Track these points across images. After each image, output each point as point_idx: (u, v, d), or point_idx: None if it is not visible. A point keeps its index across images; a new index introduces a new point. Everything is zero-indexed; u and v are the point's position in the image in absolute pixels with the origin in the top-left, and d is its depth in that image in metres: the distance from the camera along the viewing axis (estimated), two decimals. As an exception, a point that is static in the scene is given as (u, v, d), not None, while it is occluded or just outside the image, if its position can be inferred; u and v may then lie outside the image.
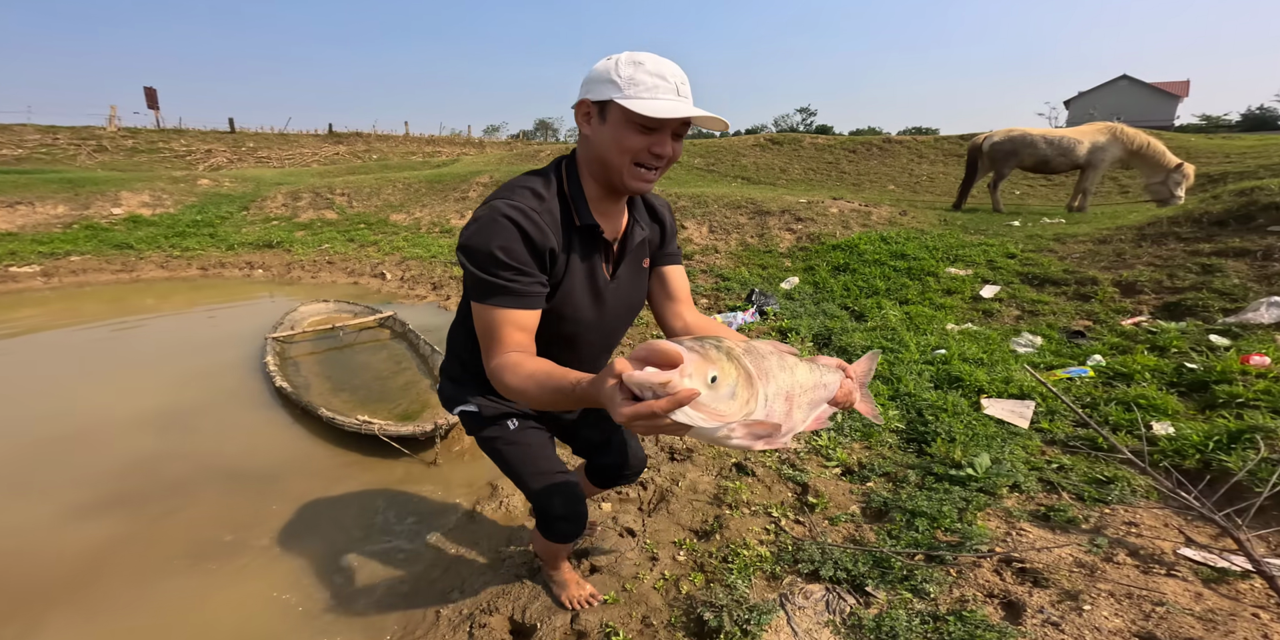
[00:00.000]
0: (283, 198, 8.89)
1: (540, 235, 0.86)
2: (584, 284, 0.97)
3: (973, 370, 2.48)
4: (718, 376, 0.57)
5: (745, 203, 6.40)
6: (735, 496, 1.84)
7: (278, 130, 22.56)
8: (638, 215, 1.02)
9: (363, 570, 1.74)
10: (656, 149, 0.85)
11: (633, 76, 0.81)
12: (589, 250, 0.95)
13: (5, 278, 5.98)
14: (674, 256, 1.10)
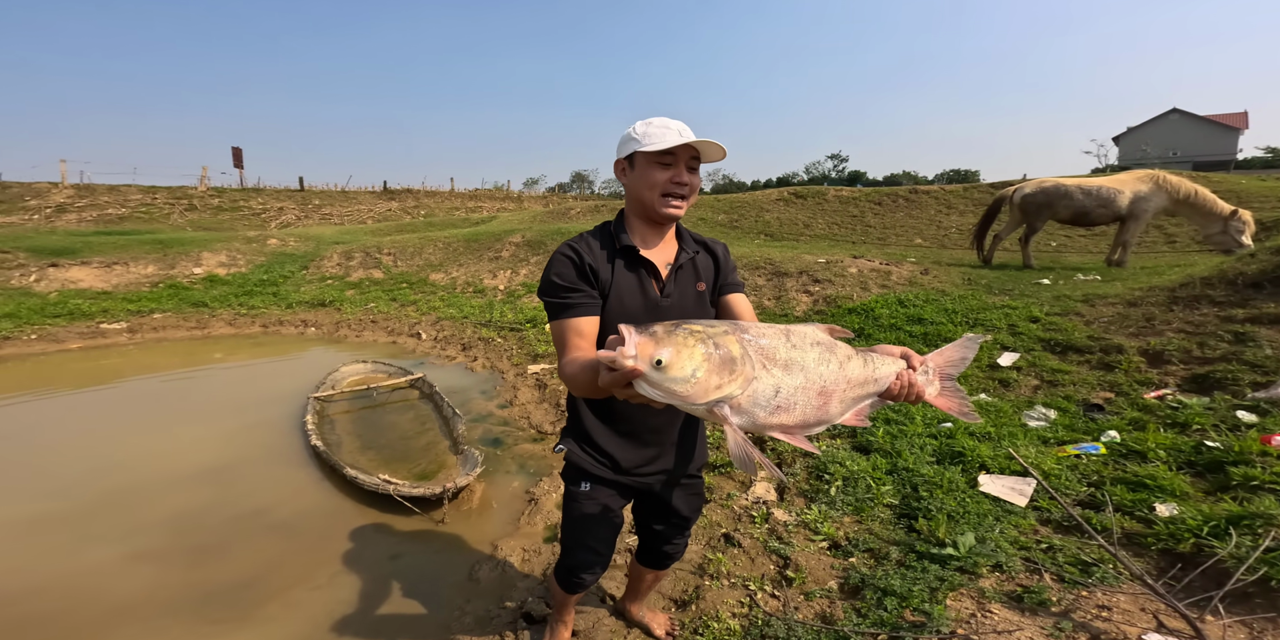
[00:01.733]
0: (338, 257, 9.95)
1: (584, 259, 1.14)
2: (635, 297, 1.18)
3: (976, 445, 2.52)
4: (664, 360, 0.65)
5: (764, 263, 6.70)
6: (718, 567, 1.94)
7: (340, 187, 25.38)
8: (688, 247, 1.25)
9: (364, 620, 1.92)
10: (676, 178, 1.12)
11: (645, 132, 1.11)
12: (632, 267, 1.19)
13: (96, 333, 6.91)
14: (735, 285, 1.30)
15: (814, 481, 2.48)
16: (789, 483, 2.44)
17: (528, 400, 4.50)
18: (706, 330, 0.71)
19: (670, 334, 0.67)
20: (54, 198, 17.89)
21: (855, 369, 0.81)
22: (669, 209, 1.14)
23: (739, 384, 0.69)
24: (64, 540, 2.55)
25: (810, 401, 0.77)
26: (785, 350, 0.76)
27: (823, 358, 0.77)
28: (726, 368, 0.68)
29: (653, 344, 0.66)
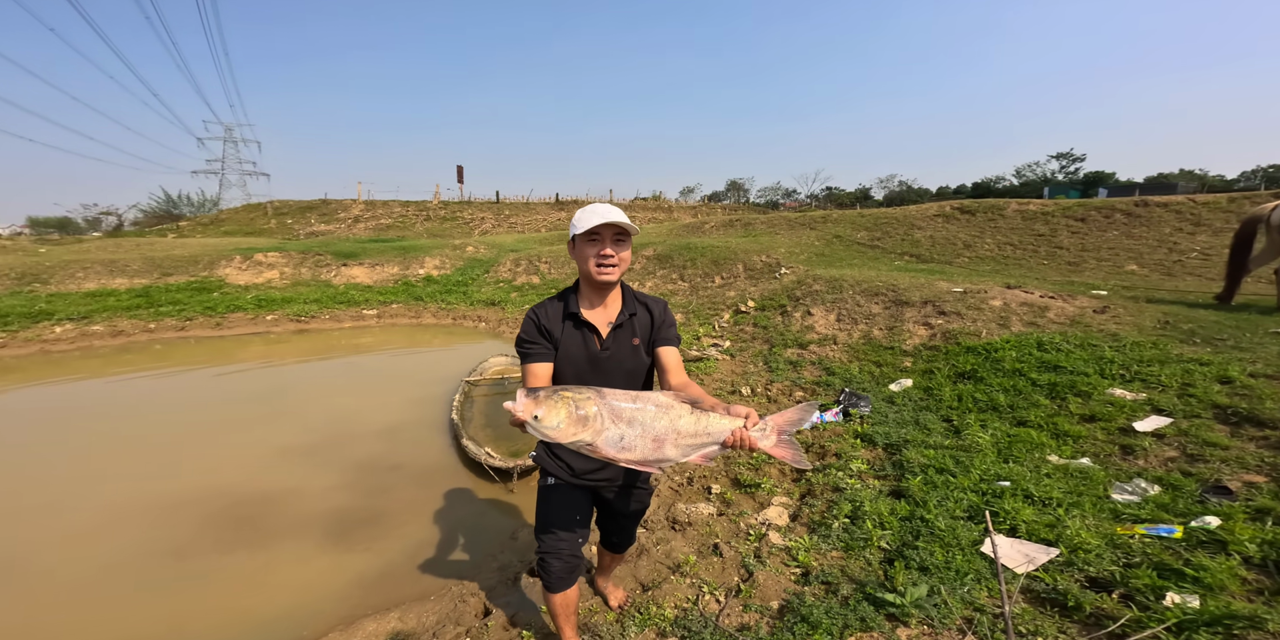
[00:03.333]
0: (509, 264, 12.14)
1: (541, 322, 1.53)
2: (579, 351, 1.52)
3: (1019, 507, 2.32)
4: (540, 415, 1.03)
5: (885, 289, 6.31)
6: (691, 568, 2.29)
7: (524, 199, 29.99)
8: (629, 307, 1.56)
9: (428, 552, 2.78)
10: (602, 252, 1.44)
11: (579, 217, 1.45)
12: (578, 327, 1.53)
13: (359, 317, 9.80)
14: (667, 340, 1.56)
15: (826, 514, 2.60)
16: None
17: (618, 404, 5.20)
18: (575, 396, 1.05)
19: (547, 398, 1.03)
20: (352, 211, 25.07)
21: (686, 425, 1.10)
22: (602, 276, 1.46)
23: (591, 433, 1.05)
24: (296, 466, 4.04)
25: (647, 445, 1.08)
26: (629, 411, 1.09)
27: (657, 415, 1.08)
28: (581, 422, 1.03)
29: (534, 404, 1.04)
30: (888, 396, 4.21)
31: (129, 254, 11.19)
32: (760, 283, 8.39)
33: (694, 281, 9.16)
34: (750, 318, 7.09)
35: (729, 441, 1.15)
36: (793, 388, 4.77)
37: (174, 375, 6.67)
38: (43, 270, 10.03)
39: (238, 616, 2.43)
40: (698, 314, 7.76)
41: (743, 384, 4.99)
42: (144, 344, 8.13)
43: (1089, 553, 1.99)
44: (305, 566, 2.78)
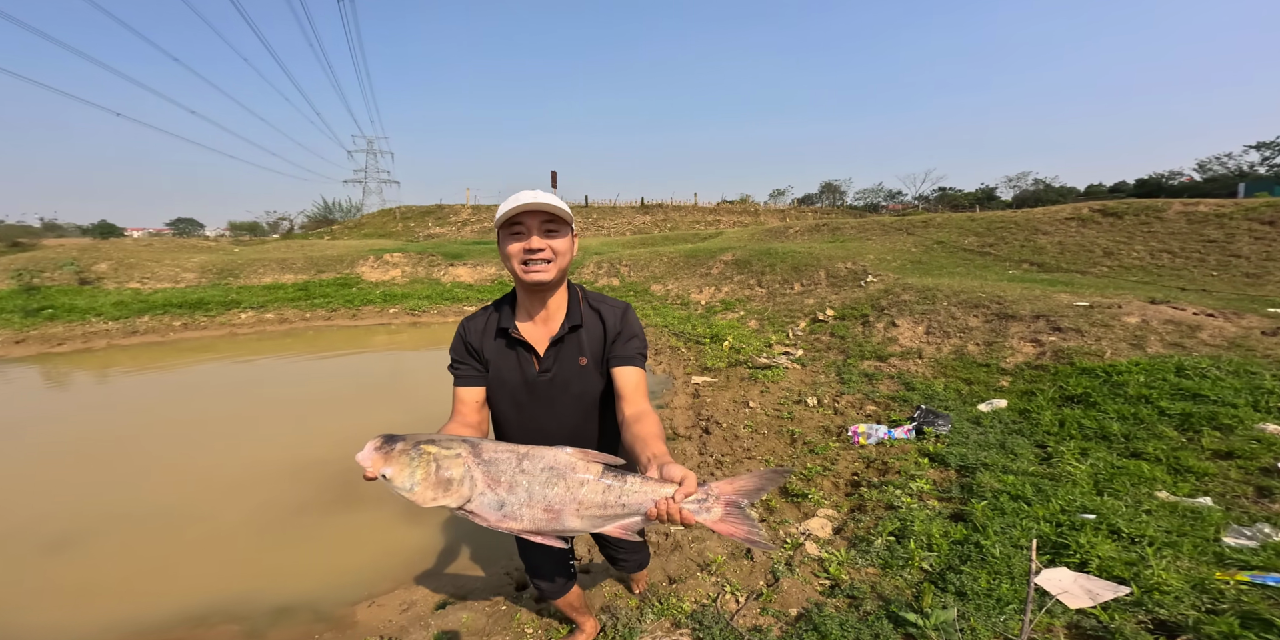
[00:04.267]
0: (592, 266, 12.70)
1: (468, 338, 1.28)
2: (513, 374, 1.27)
3: (1097, 542, 2.04)
4: (388, 475, 0.82)
5: (988, 301, 5.72)
6: (718, 568, 2.32)
7: (611, 203, 31.06)
8: (580, 319, 1.25)
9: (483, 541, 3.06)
10: (528, 246, 1.14)
11: (502, 207, 1.16)
12: (510, 346, 1.27)
13: (461, 312, 10.88)
14: (622, 358, 1.25)
15: (871, 530, 2.48)
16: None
17: (680, 405, 5.26)
18: (440, 452, 0.83)
19: (402, 453, 0.83)
20: (461, 215, 27.78)
21: (590, 493, 0.87)
22: (530, 275, 1.17)
23: (456, 499, 0.83)
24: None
25: (537, 515, 0.87)
26: (511, 473, 0.87)
27: (549, 481, 0.86)
28: (441, 486, 0.82)
29: (382, 460, 0.83)
30: (974, 417, 3.84)
31: (295, 254, 13.41)
32: (843, 291, 7.99)
33: (771, 288, 8.94)
34: (828, 327, 6.79)
35: (652, 514, 0.89)
36: (864, 401, 4.52)
37: (319, 359, 7.93)
38: (235, 267, 12.38)
39: (331, 566, 2.89)
40: (772, 321, 7.58)
41: (810, 394, 4.82)
42: (301, 330, 9.74)
43: (1167, 595, 1.72)
44: (384, 533, 3.20)
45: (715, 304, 8.91)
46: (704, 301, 9.17)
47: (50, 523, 3.26)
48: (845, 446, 3.71)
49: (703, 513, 0.90)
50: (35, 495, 3.67)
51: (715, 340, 7.06)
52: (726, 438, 4.22)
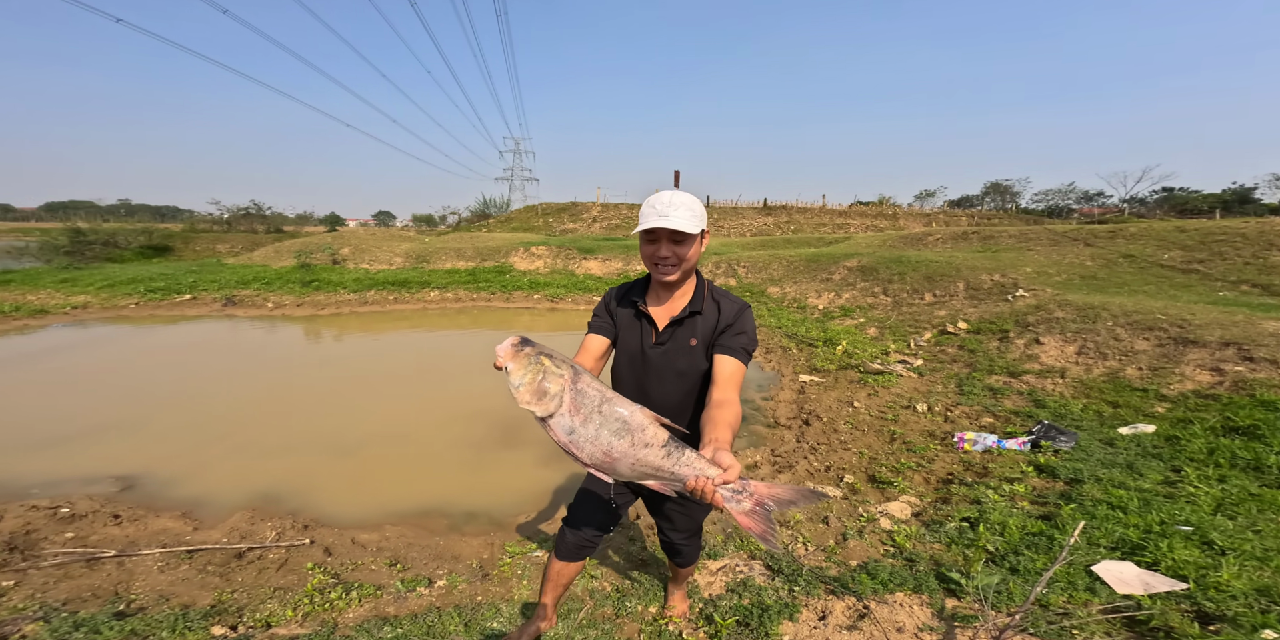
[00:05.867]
0: (711, 266, 13.20)
1: (609, 303, 1.55)
2: (634, 340, 1.49)
3: (1178, 548, 2.05)
4: (509, 369, 1.01)
5: (1167, 324, 5.08)
6: (795, 525, 2.72)
7: (732, 203, 31.02)
8: (700, 307, 1.43)
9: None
10: (659, 253, 1.35)
11: (642, 212, 1.35)
12: (637, 317, 1.48)
13: (590, 302, 12.18)
14: (726, 348, 1.38)
15: (949, 516, 2.68)
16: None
17: (784, 399, 5.57)
18: (550, 366, 0.98)
19: (527, 356, 0.99)
20: (592, 212, 30.17)
21: (648, 454, 0.98)
22: (660, 276, 1.38)
23: (543, 408, 0.97)
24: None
25: (596, 453, 0.99)
26: (588, 409, 0.99)
27: (617, 431, 0.97)
28: (538, 394, 0.97)
29: (511, 356, 1.01)
30: (1108, 439, 3.63)
31: (466, 244, 16.05)
32: (982, 304, 7.46)
33: (898, 297, 8.61)
34: (957, 339, 6.49)
35: (690, 485, 1.02)
36: (982, 413, 4.43)
37: (479, 333, 9.66)
38: (426, 253, 15.25)
39: (499, 487, 3.83)
40: (894, 330, 7.40)
41: (920, 401, 4.83)
42: (469, 308, 11.85)
43: (1223, 593, 1.75)
44: (533, 468, 4.10)
45: (834, 310, 8.85)
46: (822, 306, 9.15)
47: (336, 436, 4.70)
48: (947, 450, 3.77)
49: (733, 502, 1.00)
50: (324, 416, 5.24)
51: (828, 344, 7.14)
52: (825, 430, 4.48)
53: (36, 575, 2.39)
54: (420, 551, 2.85)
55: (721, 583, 2.22)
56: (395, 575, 2.56)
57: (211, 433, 4.63)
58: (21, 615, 2.04)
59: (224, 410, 5.23)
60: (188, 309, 11.05)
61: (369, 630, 1.98)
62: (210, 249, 22.39)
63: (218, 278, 12.98)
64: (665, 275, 1.38)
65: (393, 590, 2.38)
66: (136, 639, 1.92)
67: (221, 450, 4.28)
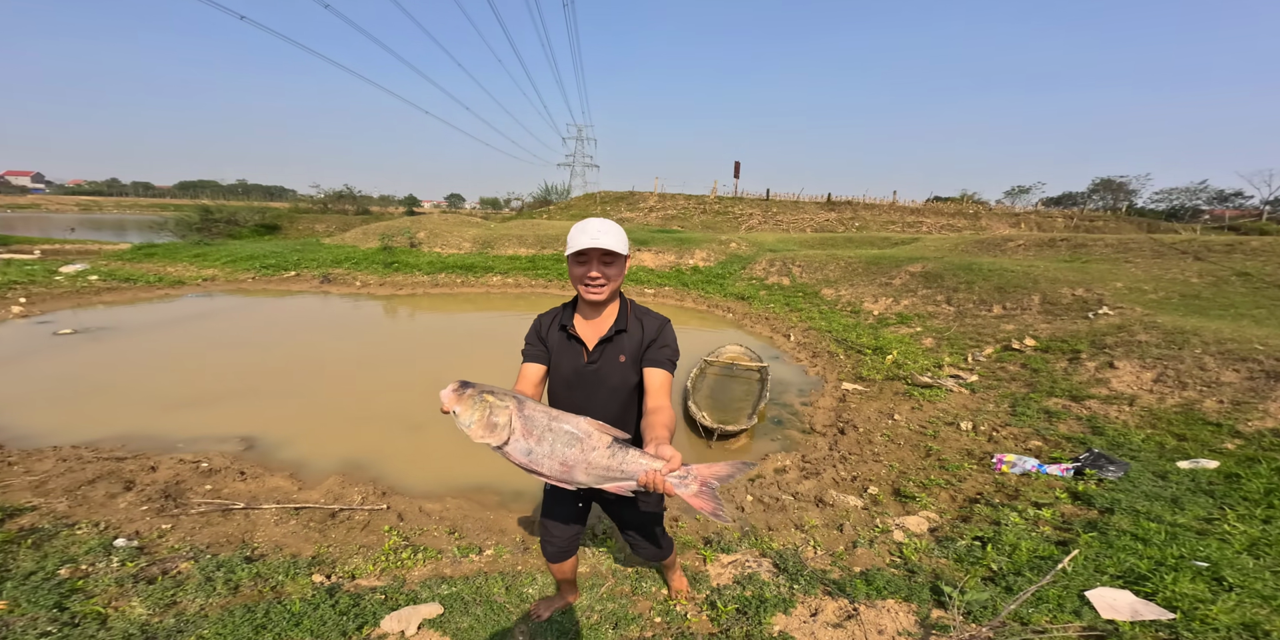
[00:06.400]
0: (764, 263, 13.08)
1: (540, 328, 1.64)
2: (569, 361, 1.58)
3: (1182, 581, 2.05)
4: (457, 412, 1.12)
5: (1265, 355, 4.65)
6: (810, 529, 2.90)
7: (794, 197, 30.00)
8: (625, 325, 1.54)
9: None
10: (589, 274, 1.46)
11: (570, 235, 1.45)
12: (568, 340, 1.58)
13: (641, 294, 12.53)
14: (653, 361, 1.53)
15: (962, 535, 2.76)
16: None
17: (824, 406, 5.63)
18: (494, 400, 1.10)
19: (469, 397, 1.11)
20: (649, 202, 30.34)
21: (598, 457, 1.10)
22: (590, 296, 1.49)
23: (496, 439, 1.11)
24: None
25: (554, 466, 1.12)
26: (540, 429, 1.12)
27: (568, 442, 1.10)
28: (489, 427, 1.10)
29: (455, 400, 1.12)
30: (1162, 471, 3.48)
31: (527, 232, 16.86)
32: (1058, 320, 7.02)
33: (963, 307, 8.23)
34: (1021, 357, 6.20)
35: (642, 482, 1.14)
36: (1031, 436, 4.31)
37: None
38: (491, 239, 16.20)
39: None
40: (952, 342, 7.14)
41: (967, 419, 4.75)
42: (527, 294, 12.58)
43: (1208, 625, 1.77)
44: None
45: (890, 316, 8.61)
46: (877, 312, 8.91)
47: (407, 411, 5.31)
48: (982, 470, 3.76)
49: (682, 487, 1.14)
50: (397, 391, 5.90)
51: (878, 352, 7.03)
52: (860, 441, 4.54)
53: (186, 521, 3.04)
54: (474, 523, 3.30)
55: (730, 575, 2.47)
56: (453, 542, 3.01)
57: (309, 401, 5.41)
58: (177, 555, 2.63)
59: (318, 381, 6.05)
60: (292, 284, 12.50)
61: (430, 586, 2.41)
62: (310, 228, 24.82)
63: (316, 256, 14.48)
64: (594, 295, 1.49)
65: (450, 555, 2.82)
66: (260, 581, 2.44)
67: (317, 418, 5.01)
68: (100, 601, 2.16)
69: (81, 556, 2.49)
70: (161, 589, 2.28)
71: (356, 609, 2.17)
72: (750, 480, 3.87)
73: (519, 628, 2.07)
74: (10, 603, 2.06)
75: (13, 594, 2.12)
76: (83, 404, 4.95)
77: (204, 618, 2.09)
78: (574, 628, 2.07)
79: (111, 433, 4.35)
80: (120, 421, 4.58)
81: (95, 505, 3.10)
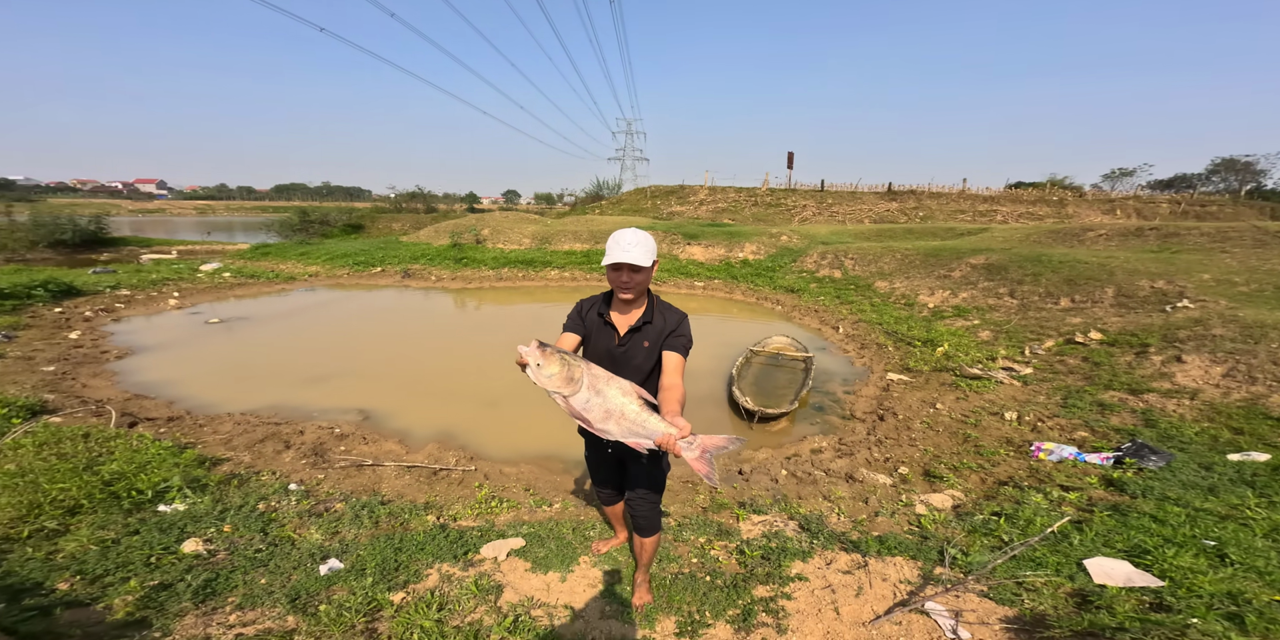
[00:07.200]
0: (816, 256, 12.99)
1: (581, 311, 1.94)
2: (601, 343, 1.90)
3: (1182, 556, 2.22)
4: (541, 364, 1.39)
5: None
6: (836, 499, 3.24)
7: (851, 187, 28.81)
8: (651, 318, 1.85)
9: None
10: (621, 280, 1.76)
11: (608, 247, 1.75)
12: (603, 325, 1.89)
13: (691, 287, 12.86)
14: (670, 346, 1.81)
15: (981, 510, 3.00)
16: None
17: (866, 394, 5.81)
18: (570, 360, 1.38)
19: (552, 354, 1.39)
20: (699, 195, 30.27)
21: (630, 413, 1.38)
22: (622, 294, 1.81)
23: (569, 390, 1.38)
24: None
25: (599, 414, 1.39)
26: (600, 385, 1.42)
27: (615, 397, 1.38)
28: (566, 380, 1.37)
29: (539, 354, 1.39)
30: (1208, 463, 3.49)
31: (581, 227, 17.62)
32: (1131, 314, 6.72)
33: (1027, 300, 7.96)
34: (1084, 351, 6.05)
35: (658, 442, 1.42)
36: (1079, 427, 4.34)
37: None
38: (549, 235, 17.10)
39: None
40: (1011, 335, 6.99)
41: (1012, 409, 4.81)
42: (583, 287, 13.30)
43: (1192, 593, 1.96)
44: None
45: (945, 309, 8.46)
46: (932, 305, 8.76)
47: (484, 390, 6.07)
48: (1018, 457, 3.89)
49: (688, 451, 1.41)
50: (475, 373, 6.71)
51: (929, 345, 7.03)
52: (898, 427, 4.74)
53: (332, 473, 3.83)
54: (544, 483, 3.90)
55: (759, 530, 2.88)
56: (528, 496, 3.61)
57: (404, 381, 6.29)
58: (332, 497, 3.38)
59: (408, 363, 6.96)
60: (379, 279, 13.91)
61: (514, 526, 3.00)
62: (388, 227, 27.00)
63: (397, 253, 15.93)
64: (625, 294, 1.81)
65: (527, 505, 3.42)
66: (393, 518, 3.12)
67: (412, 395, 5.85)
68: (290, 529, 2.91)
69: (270, 496, 3.29)
70: (327, 522, 3.00)
71: (462, 541, 2.78)
72: (786, 458, 4.22)
73: (582, 558, 2.60)
74: (232, 527, 2.84)
75: (233, 520, 2.90)
76: (238, 380, 6.07)
77: (358, 543, 2.76)
78: (625, 560, 2.57)
79: (264, 403, 5.35)
80: (268, 394, 5.60)
81: (269, 458, 3.98)
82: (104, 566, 2.36)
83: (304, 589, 2.26)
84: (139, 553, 2.49)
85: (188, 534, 2.70)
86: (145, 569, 2.37)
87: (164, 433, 4.27)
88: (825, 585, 2.27)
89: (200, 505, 3.03)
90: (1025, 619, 1.92)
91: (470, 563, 2.55)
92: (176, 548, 2.57)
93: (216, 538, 2.71)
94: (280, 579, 2.36)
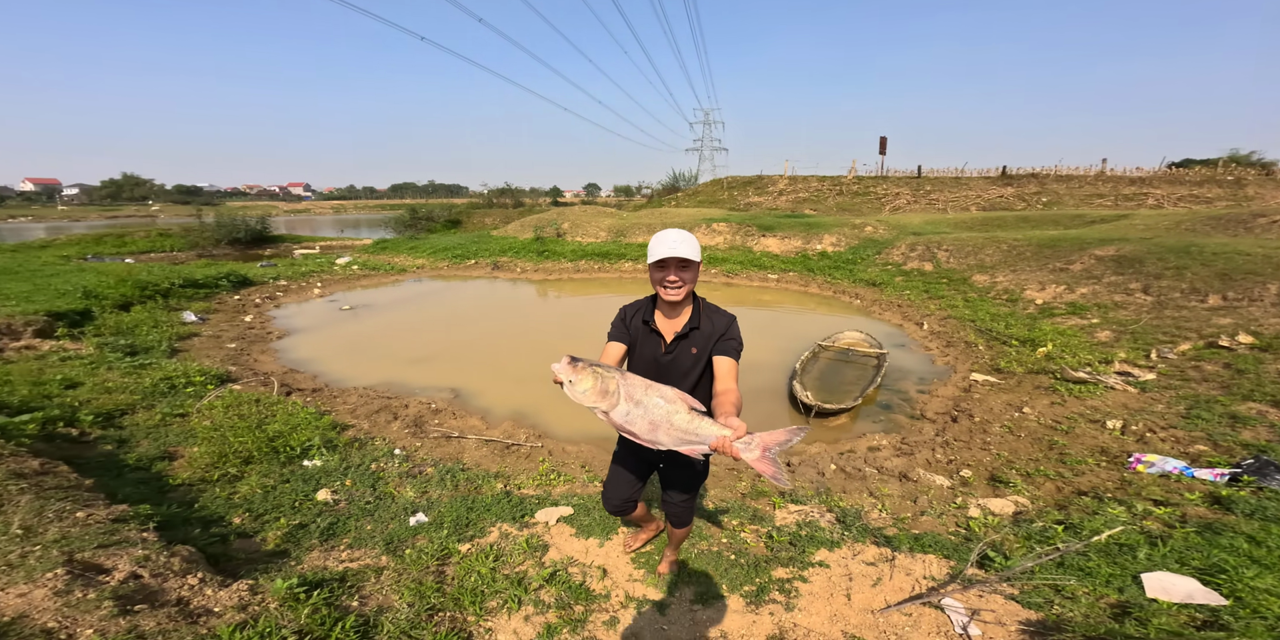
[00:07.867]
0: (904, 248, 12.04)
1: (626, 317, 1.84)
2: (648, 351, 1.80)
3: (1263, 576, 1.96)
4: (573, 381, 1.31)
5: None
6: (882, 496, 3.19)
7: (955, 172, 25.88)
8: (699, 323, 1.73)
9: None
10: (667, 278, 1.66)
11: (651, 245, 1.66)
12: (649, 332, 1.79)
13: (764, 279, 12.57)
14: (721, 350, 1.71)
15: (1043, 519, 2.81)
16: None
17: (942, 395, 5.46)
18: (603, 373, 1.28)
19: (583, 368, 1.29)
20: (778, 185, 29.04)
21: (680, 421, 1.28)
22: (668, 296, 1.69)
23: (606, 404, 1.30)
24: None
25: (644, 426, 1.30)
26: (639, 395, 1.31)
27: (659, 406, 1.28)
28: (601, 394, 1.28)
29: (570, 371, 1.30)
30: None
31: (655, 220, 17.88)
32: (1298, 309, 5.59)
33: (1165, 296, 6.87)
34: (1228, 356, 5.19)
35: (714, 446, 1.31)
36: (1198, 440, 3.81)
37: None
38: (624, 228, 17.61)
39: None
40: (1138, 337, 6.12)
41: (1117, 417, 4.30)
42: None
43: (1254, 614, 1.74)
44: None
45: (1058, 306, 7.54)
46: (1041, 301, 7.84)
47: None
48: (1111, 468, 3.52)
49: (746, 452, 1.29)
50: (547, 358, 7.29)
51: (1028, 344, 6.37)
52: (972, 430, 4.44)
53: (427, 442, 4.47)
54: (599, 462, 4.22)
55: (794, 519, 2.95)
56: (583, 472, 3.95)
57: (489, 363, 6.99)
58: (425, 463, 3.98)
59: (494, 348, 7.70)
60: (473, 271, 15.25)
61: (566, 497, 3.34)
62: (481, 222, 29.17)
63: (488, 247, 17.30)
64: (671, 296, 1.68)
65: (581, 480, 3.76)
66: (470, 483, 3.61)
67: (495, 376, 6.51)
68: (392, 487, 3.50)
69: (380, 458, 3.95)
70: (419, 482, 3.56)
71: (522, 506, 3.17)
72: (839, 453, 4.17)
73: (621, 529, 2.86)
74: (352, 481, 3.49)
75: (353, 476, 3.55)
76: (361, 359, 7.15)
77: (440, 501, 3.25)
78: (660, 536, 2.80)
79: (379, 380, 6.28)
80: (382, 372, 6.56)
81: (381, 426, 4.74)
82: (264, 506, 3.03)
83: (396, 536, 2.74)
84: (288, 497, 3.15)
85: (321, 485, 3.36)
86: (291, 511, 3.01)
87: (309, 401, 5.20)
88: (845, 573, 2.32)
89: (331, 462, 3.73)
90: (1047, 624, 1.85)
91: (525, 524, 2.92)
92: (313, 496, 3.22)
93: (340, 489, 3.35)
94: (380, 526, 2.89)
